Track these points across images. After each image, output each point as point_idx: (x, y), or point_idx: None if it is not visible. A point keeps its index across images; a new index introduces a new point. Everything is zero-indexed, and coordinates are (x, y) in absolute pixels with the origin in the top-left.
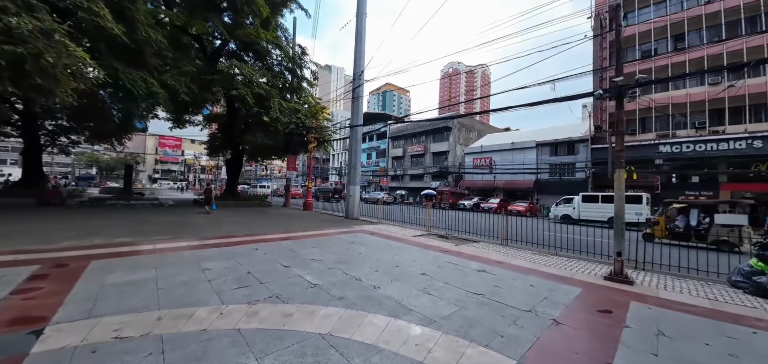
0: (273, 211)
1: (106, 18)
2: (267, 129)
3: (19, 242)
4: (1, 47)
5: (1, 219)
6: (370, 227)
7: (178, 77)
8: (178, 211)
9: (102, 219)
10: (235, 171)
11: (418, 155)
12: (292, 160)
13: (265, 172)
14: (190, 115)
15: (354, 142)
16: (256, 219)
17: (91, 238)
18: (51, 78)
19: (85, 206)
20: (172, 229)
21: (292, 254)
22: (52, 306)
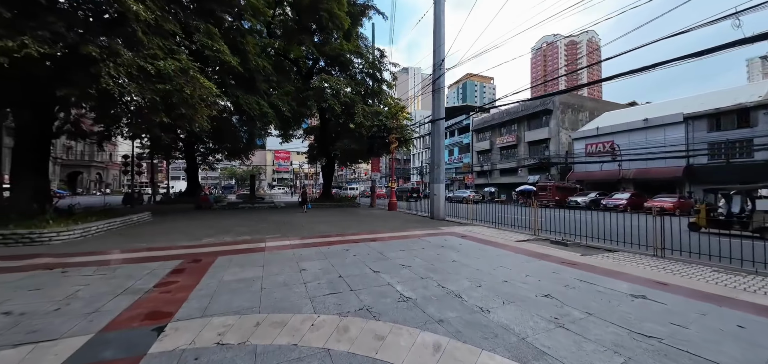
0: (361, 211)
1: (225, 53)
2: (353, 135)
3: (175, 239)
4: (156, 86)
5: (169, 219)
6: (460, 229)
7: (281, 97)
8: (286, 211)
9: (233, 219)
10: (329, 175)
11: (508, 147)
12: (376, 162)
13: (353, 176)
14: (293, 130)
15: (436, 138)
16: (346, 219)
17: (222, 235)
18: (191, 107)
19: (224, 209)
20: (281, 228)
21: (381, 257)
22: (179, 301)
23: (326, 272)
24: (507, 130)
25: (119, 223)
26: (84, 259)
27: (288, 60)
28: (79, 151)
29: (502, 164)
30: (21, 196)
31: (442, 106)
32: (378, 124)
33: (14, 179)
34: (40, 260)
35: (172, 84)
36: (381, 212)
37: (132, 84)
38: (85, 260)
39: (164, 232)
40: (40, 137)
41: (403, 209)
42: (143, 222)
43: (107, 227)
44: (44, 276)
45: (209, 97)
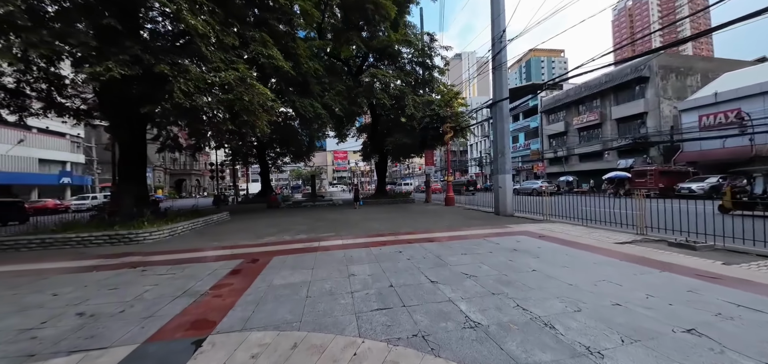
0: (415, 207)
1: (278, 59)
2: (404, 129)
3: (242, 237)
4: (220, 97)
5: (243, 218)
6: (534, 227)
7: (333, 97)
8: (342, 208)
9: (295, 217)
10: (382, 172)
11: (589, 127)
12: (430, 155)
13: (407, 171)
14: (347, 129)
15: (499, 122)
16: (400, 216)
17: (282, 234)
18: (251, 114)
19: (290, 208)
20: (335, 225)
21: (438, 262)
22: (226, 308)
23: (376, 279)
24: (586, 107)
25: (201, 223)
26: (163, 258)
27: (339, 61)
28: (182, 162)
29: (582, 148)
30: (125, 202)
31: (505, 85)
32: (430, 115)
33: (119, 188)
34: (130, 259)
35: (234, 93)
36: (437, 208)
37: (201, 97)
38: (164, 258)
39: (235, 231)
40: (138, 151)
41: (461, 203)
42: (221, 221)
43: (191, 227)
44: (127, 274)
45: (266, 102)
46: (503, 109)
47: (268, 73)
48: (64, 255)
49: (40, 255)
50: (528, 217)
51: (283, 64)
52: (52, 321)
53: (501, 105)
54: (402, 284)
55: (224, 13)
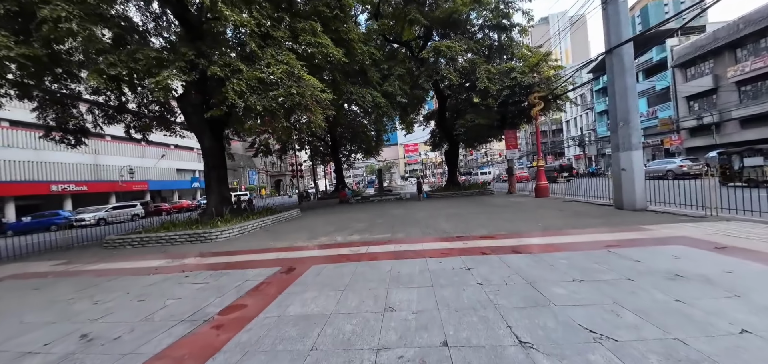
0: (494, 200)
1: (329, 45)
2: (477, 109)
3: (296, 238)
4: (270, 93)
5: (310, 215)
6: (695, 230)
7: (393, 83)
8: (408, 203)
9: (358, 213)
10: (453, 160)
11: (757, 78)
12: (512, 136)
13: (485, 159)
14: (413, 117)
15: (619, 77)
16: (475, 210)
17: (336, 234)
18: (305, 108)
19: (358, 203)
20: (395, 224)
21: (531, 294)
22: (214, 349)
23: (423, 326)
24: (750, 50)
25: (272, 220)
26: (214, 260)
27: (401, 45)
28: (279, 164)
29: (746, 109)
30: (210, 202)
31: (624, 22)
32: (510, 85)
33: (207, 190)
34: (188, 261)
35: (284, 88)
36: (524, 200)
37: (253, 95)
38: (214, 261)
39: (296, 229)
40: (218, 154)
41: (557, 194)
42: (291, 218)
43: (260, 225)
44: (169, 281)
45: (317, 94)
46: (623, 58)
47: (318, 64)
48: (150, 253)
49: (132, 253)
50: (673, 212)
51: (334, 52)
52: (51, 345)
53: (620, 53)
54: (465, 342)
55: (272, 5)
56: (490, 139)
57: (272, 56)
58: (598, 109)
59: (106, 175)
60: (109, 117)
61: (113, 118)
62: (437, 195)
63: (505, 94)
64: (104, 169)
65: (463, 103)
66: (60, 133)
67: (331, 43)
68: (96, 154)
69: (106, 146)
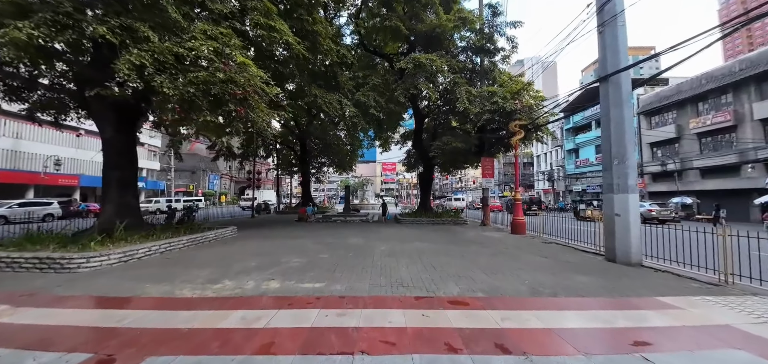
0: (468, 233)
1: (285, 32)
2: (455, 132)
3: (198, 276)
4: (190, 75)
5: (246, 236)
6: (734, 316)
7: (367, 93)
8: (371, 227)
9: (307, 239)
10: (426, 184)
11: (717, 131)
12: (489, 164)
13: (460, 185)
14: (388, 134)
15: (614, 108)
16: (447, 248)
17: (250, 277)
18: (237, 100)
19: (318, 222)
20: (341, 263)
21: None
22: None
23: None
24: (711, 104)
25: (185, 242)
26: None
27: (382, 56)
28: (247, 170)
29: (706, 160)
30: (103, 212)
31: (622, 47)
32: (491, 110)
33: (103, 195)
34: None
35: (210, 71)
36: (500, 236)
37: (163, 75)
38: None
39: (206, 261)
40: (124, 150)
41: (533, 231)
42: (217, 241)
43: (164, 248)
44: None
45: (255, 83)
46: (621, 87)
47: (272, 55)
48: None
49: None
50: (676, 272)
51: (290, 40)
52: None
53: (617, 81)
54: None
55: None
56: (466, 165)
57: (201, 32)
58: (568, 147)
59: (27, 164)
60: (12, 91)
61: (17, 94)
62: (407, 220)
63: (484, 119)
64: (26, 157)
65: (442, 126)
66: None
67: (289, 30)
68: (17, 138)
69: (33, 131)
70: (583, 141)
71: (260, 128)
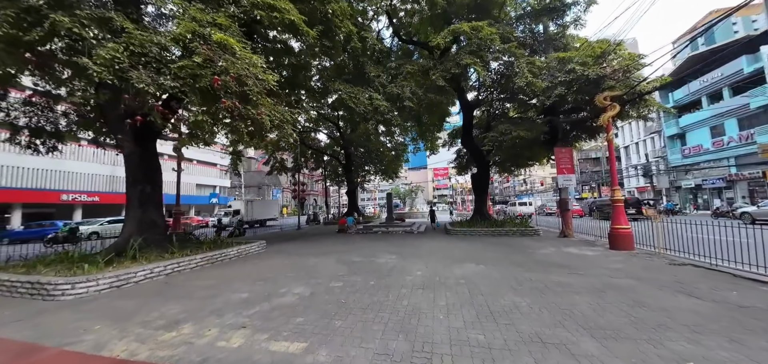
0: (542, 247)
1: (288, 11)
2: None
3: (169, 313)
4: (173, 66)
5: (273, 252)
6: None
7: (400, 83)
8: (414, 242)
9: (332, 257)
10: (482, 187)
11: None
12: (567, 157)
13: (524, 187)
14: (436, 135)
15: None
16: (514, 277)
17: (244, 310)
18: (230, 92)
19: (358, 234)
20: (357, 303)
21: None
22: None
23: None
24: None
25: (198, 261)
26: None
27: (420, 46)
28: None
29: None
30: (124, 229)
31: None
32: (566, 82)
33: (126, 212)
34: None
35: (195, 58)
36: (594, 254)
37: (145, 69)
38: None
39: (195, 290)
40: (144, 165)
41: (643, 243)
42: (238, 257)
43: (171, 269)
44: None
45: (249, 69)
46: None
47: (284, 49)
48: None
49: None
50: None
51: (294, 18)
52: None
53: None
54: None
55: None
56: (532, 162)
57: (185, 14)
58: (669, 132)
59: (121, 187)
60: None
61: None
62: (459, 230)
63: (556, 96)
64: (120, 181)
65: (496, 118)
66: (28, 136)
67: (294, 9)
68: (114, 165)
69: None
70: (692, 123)
71: (264, 127)
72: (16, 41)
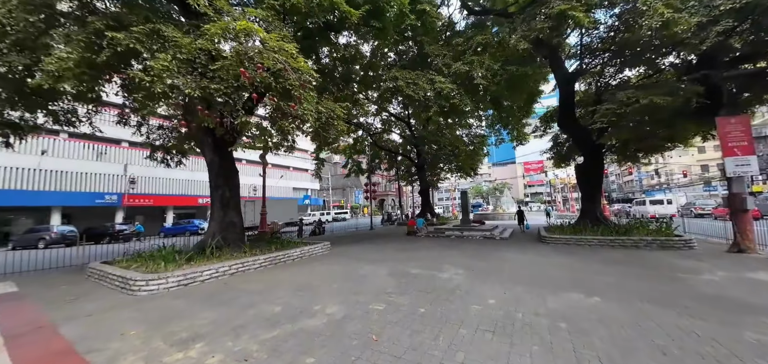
0: (702, 270)
1: None
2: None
3: (223, 318)
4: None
5: (328, 256)
6: None
7: (469, 59)
8: (493, 253)
9: (381, 267)
10: (592, 181)
11: None
12: (739, 130)
13: (655, 180)
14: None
15: None
16: (650, 328)
17: (281, 324)
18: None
19: (429, 237)
20: (403, 318)
21: None
22: None
23: None
24: None
25: (262, 261)
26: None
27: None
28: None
29: None
30: (208, 229)
31: None
32: (737, 9)
33: (210, 214)
34: None
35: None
36: None
37: (187, 77)
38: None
39: (237, 297)
40: (223, 171)
41: None
42: (301, 259)
43: (238, 268)
44: None
45: (279, 57)
46: None
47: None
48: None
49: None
50: None
51: (334, 1)
52: None
53: None
54: None
55: None
56: (671, 144)
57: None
58: None
59: (200, 190)
60: None
61: None
62: (559, 238)
63: (717, 36)
64: (198, 184)
65: (607, 88)
66: (162, 152)
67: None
68: (192, 171)
69: (243, 168)
70: None
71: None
72: (92, 63)
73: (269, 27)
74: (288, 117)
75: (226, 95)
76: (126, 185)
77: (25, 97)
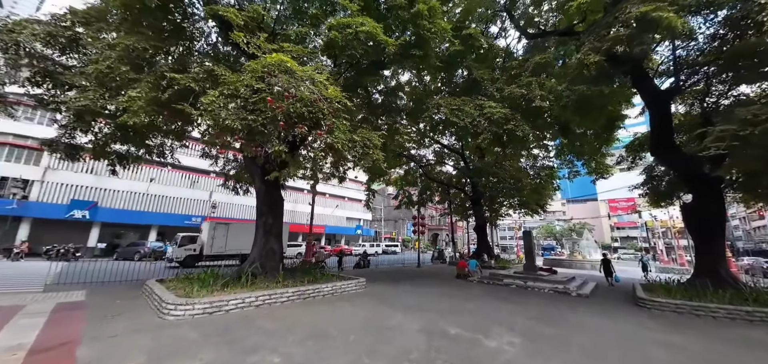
0: None
1: (364, 24)
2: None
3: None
4: None
5: (361, 296)
6: None
7: (526, 80)
8: (566, 313)
9: (439, 317)
10: (709, 225)
11: None
12: None
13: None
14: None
15: None
16: None
17: None
18: (314, 121)
19: (483, 284)
20: None
21: None
22: None
23: None
24: None
25: (291, 294)
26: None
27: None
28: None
29: None
30: (251, 256)
31: None
32: None
33: (254, 241)
34: None
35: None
36: None
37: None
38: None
39: (274, 330)
40: (269, 200)
41: None
42: (332, 295)
43: (265, 299)
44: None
45: (305, 83)
46: None
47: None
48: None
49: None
50: None
51: (370, 30)
52: None
53: None
54: None
55: None
56: None
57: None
58: None
59: (298, 219)
60: None
61: None
62: (667, 304)
63: None
64: (298, 215)
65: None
66: (233, 181)
67: (370, 20)
68: (294, 202)
69: (302, 197)
70: None
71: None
72: (156, 100)
73: (308, 62)
74: (320, 147)
75: (263, 126)
76: (208, 209)
77: (124, 132)
